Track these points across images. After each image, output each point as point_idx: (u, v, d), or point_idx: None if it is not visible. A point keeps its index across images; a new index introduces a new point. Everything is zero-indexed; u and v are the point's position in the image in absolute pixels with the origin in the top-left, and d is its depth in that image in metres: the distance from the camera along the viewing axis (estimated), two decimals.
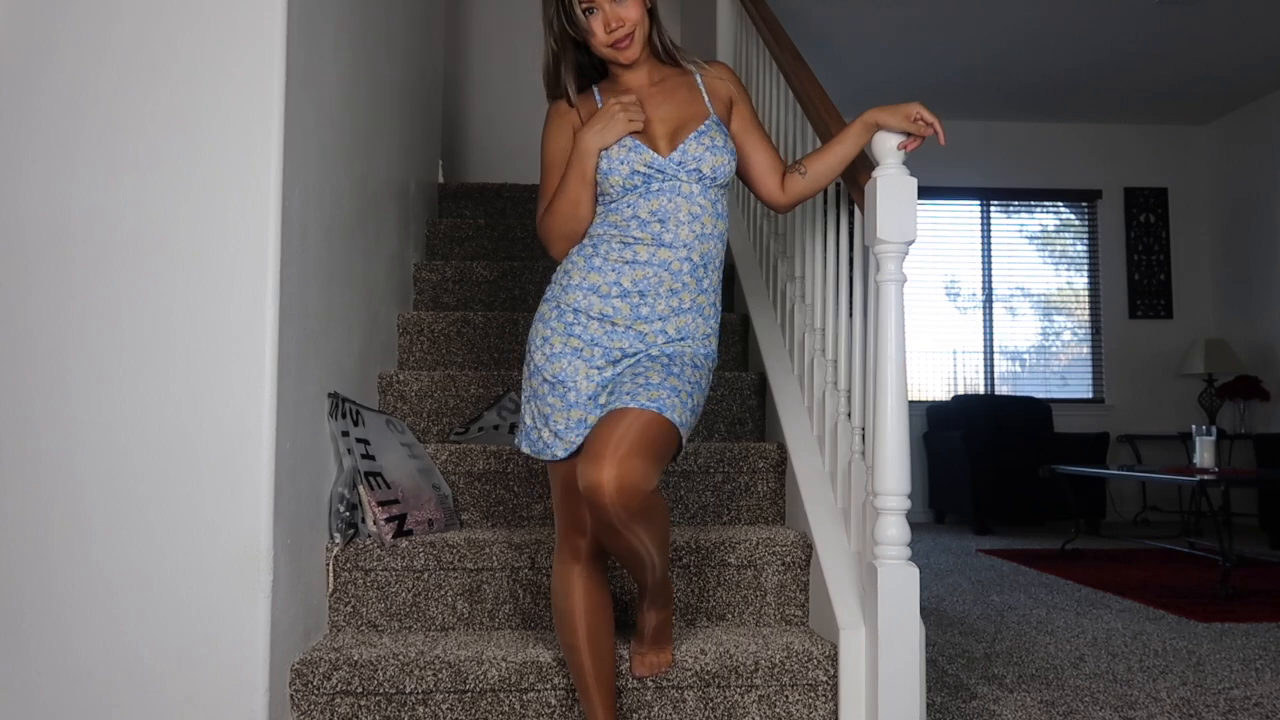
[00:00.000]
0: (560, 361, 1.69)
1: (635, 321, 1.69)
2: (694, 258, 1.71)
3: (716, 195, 1.74)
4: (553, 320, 1.71)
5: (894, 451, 1.81)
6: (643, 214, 1.69)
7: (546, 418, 1.69)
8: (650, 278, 1.69)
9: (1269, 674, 2.66)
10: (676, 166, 1.70)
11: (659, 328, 1.70)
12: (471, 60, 5.22)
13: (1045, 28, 5.53)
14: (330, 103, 2.11)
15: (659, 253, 1.69)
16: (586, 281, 1.70)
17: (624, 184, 1.69)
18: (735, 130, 1.84)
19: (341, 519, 2.11)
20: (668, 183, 1.70)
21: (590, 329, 1.69)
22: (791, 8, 5.21)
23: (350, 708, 1.87)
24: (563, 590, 1.74)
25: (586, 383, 1.68)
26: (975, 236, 7.10)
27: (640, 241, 1.69)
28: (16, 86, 1.79)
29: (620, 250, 1.70)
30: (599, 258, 1.70)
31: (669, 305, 1.70)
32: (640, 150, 1.69)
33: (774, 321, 2.92)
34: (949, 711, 2.30)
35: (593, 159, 1.69)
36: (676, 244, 1.69)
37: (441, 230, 3.57)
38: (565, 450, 1.68)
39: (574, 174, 1.71)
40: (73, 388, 1.75)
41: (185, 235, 1.77)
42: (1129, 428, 6.85)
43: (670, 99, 1.77)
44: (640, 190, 1.70)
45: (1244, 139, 6.74)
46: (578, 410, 1.68)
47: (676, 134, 1.73)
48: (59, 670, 1.73)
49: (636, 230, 1.69)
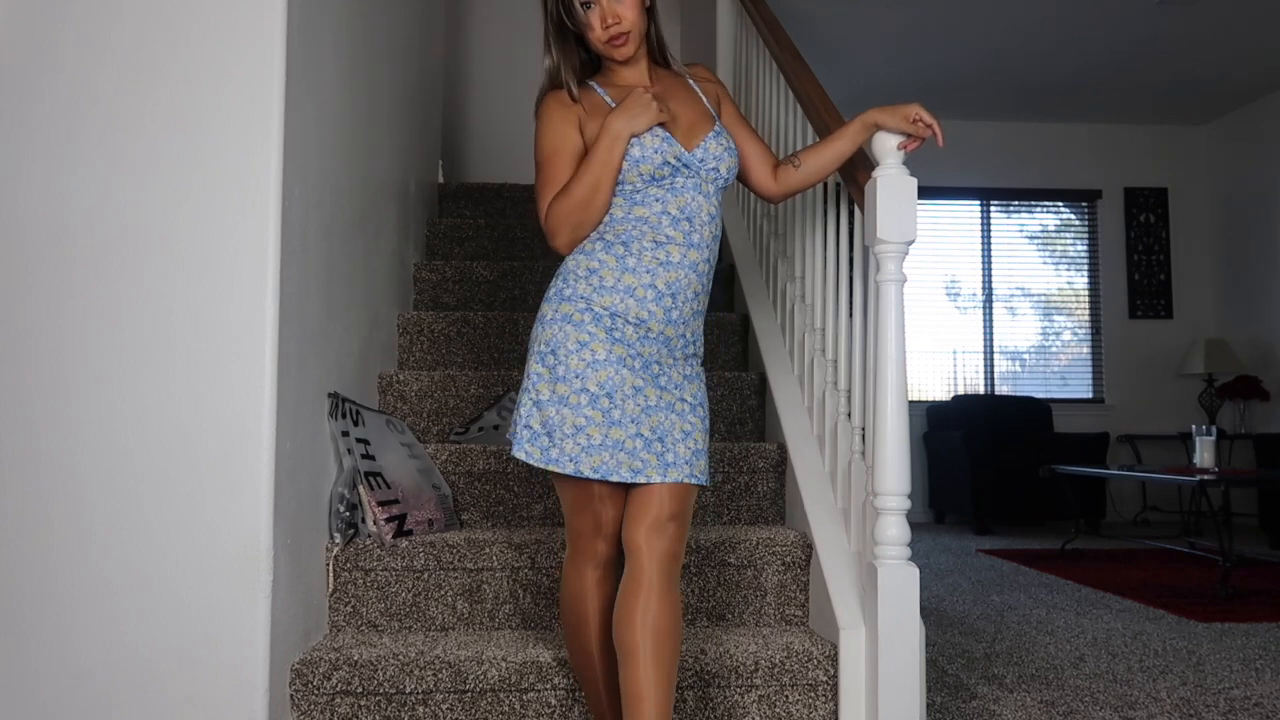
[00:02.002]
0: (606, 370, 1.60)
1: (666, 327, 1.66)
2: (710, 259, 1.72)
3: (721, 199, 1.76)
4: (589, 324, 1.61)
5: (894, 451, 1.81)
6: (673, 210, 1.66)
7: (578, 429, 1.58)
8: (681, 280, 1.66)
9: (1269, 674, 2.65)
10: (699, 164, 1.69)
11: (682, 331, 1.69)
12: (471, 60, 5.22)
13: (1045, 28, 5.53)
14: (330, 103, 2.11)
15: (689, 254, 1.67)
16: (622, 283, 1.63)
17: (653, 173, 1.65)
18: (725, 125, 1.83)
19: (341, 519, 2.11)
20: (691, 179, 1.68)
21: (628, 335, 1.63)
22: (791, 8, 5.21)
23: (350, 708, 1.87)
24: (577, 594, 1.70)
25: (633, 403, 1.61)
26: (975, 236, 7.10)
27: (673, 241, 1.66)
28: (16, 86, 1.79)
29: (654, 250, 1.65)
30: (632, 258, 1.64)
31: (692, 308, 1.70)
32: (671, 142, 1.66)
33: (774, 321, 2.91)
34: (949, 711, 2.30)
35: (623, 144, 1.64)
36: (701, 245, 1.68)
37: (441, 230, 3.57)
38: (594, 469, 1.58)
39: (600, 157, 1.63)
40: (73, 388, 1.75)
41: (185, 235, 1.77)
42: (1129, 428, 6.85)
43: (676, 98, 1.75)
44: (666, 185, 1.67)
45: (1244, 139, 6.74)
46: (619, 430, 1.59)
47: (690, 133, 1.71)
48: (59, 670, 1.73)
49: (670, 229, 1.66)
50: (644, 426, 1.61)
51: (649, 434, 1.61)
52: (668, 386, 1.66)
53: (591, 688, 1.74)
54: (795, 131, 2.73)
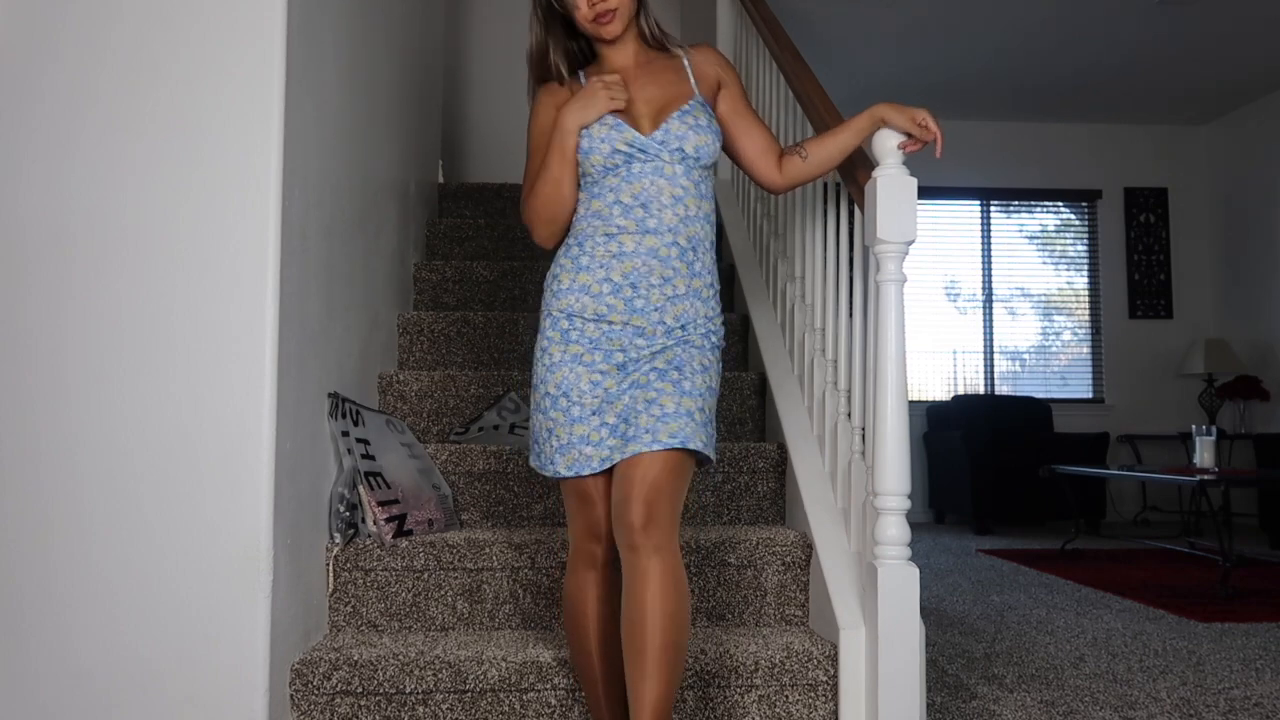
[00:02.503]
0: (561, 371, 1.64)
1: (632, 316, 1.64)
2: (680, 241, 1.66)
3: (700, 177, 1.70)
4: (549, 330, 1.67)
5: (894, 451, 1.81)
6: (625, 199, 1.65)
7: (550, 431, 1.65)
8: (640, 268, 1.64)
9: (1269, 674, 2.65)
10: (659, 146, 1.65)
11: (656, 319, 1.64)
12: (471, 60, 5.22)
13: (1045, 28, 5.54)
14: (330, 103, 2.11)
15: (645, 240, 1.64)
16: (577, 283, 1.66)
17: (605, 164, 1.65)
18: (725, 112, 1.81)
19: (341, 519, 2.11)
20: (649, 163, 1.65)
21: (588, 332, 1.65)
22: (791, 8, 5.21)
23: (350, 708, 1.87)
24: (575, 595, 1.71)
25: (591, 396, 1.62)
26: (975, 236, 7.10)
27: (625, 231, 1.65)
28: (16, 86, 1.79)
29: (605, 244, 1.65)
30: (585, 256, 1.66)
31: (663, 294, 1.65)
32: (621, 129, 1.65)
33: (774, 321, 2.92)
34: (949, 711, 2.30)
35: (573, 137, 1.66)
36: (661, 229, 1.65)
37: (441, 230, 3.57)
38: (568, 468, 1.63)
39: (555, 152, 1.67)
40: (73, 388, 1.75)
41: (185, 235, 1.77)
42: (1129, 428, 6.85)
43: (656, 80, 1.73)
44: (621, 172, 1.65)
45: (1244, 139, 6.74)
46: (581, 425, 1.62)
47: (660, 114, 1.69)
48: (59, 670, 1.73)
49: (620, 218, 1.65)
50: (608, 415, 1.62)
51: (614, 420, 1.61)
52: (637, 366, 1.63)
53: (591, 689, 1.74)
54: (795, 131, 2.73)
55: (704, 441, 1.59)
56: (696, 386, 1.62)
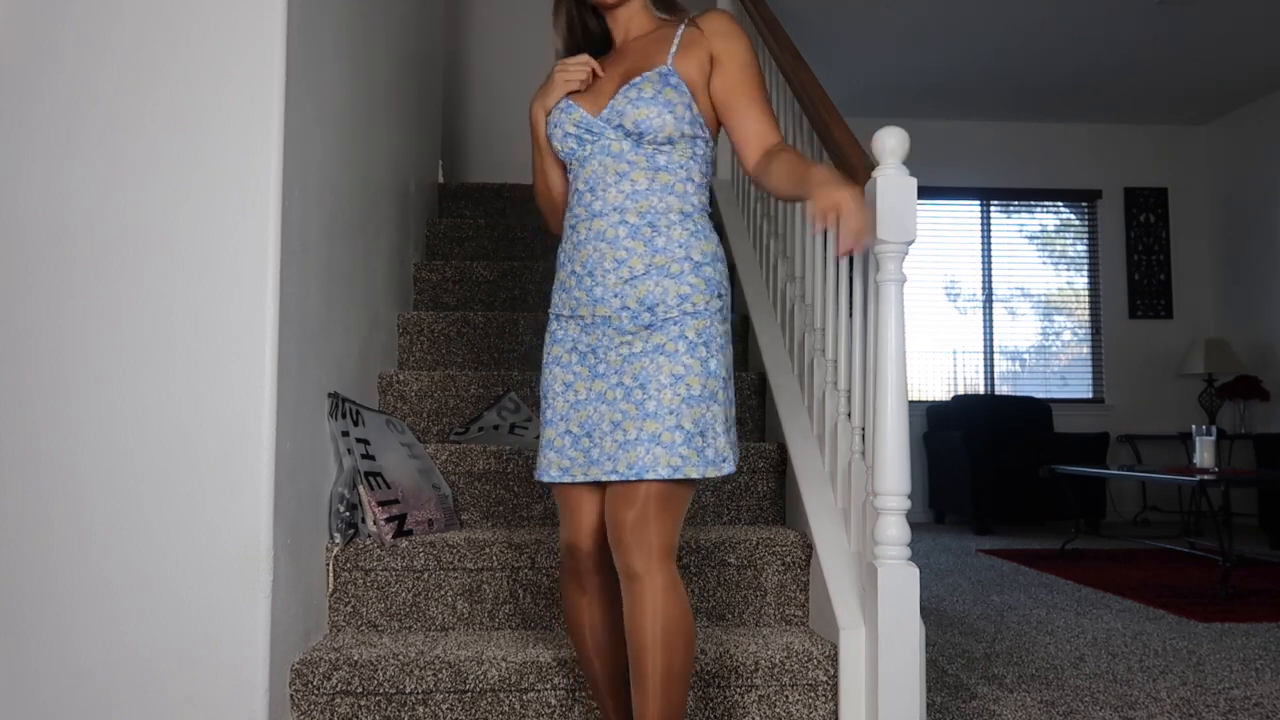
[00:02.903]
0: (545, 372, 1.64)
1: (596, 307, 1.57)
2: (630, 219, 1.55)
3: (654, 150, 1.56)
4: (548, 331, 1.68)
5: (894, 451, 1.81)
6: (579, 186, 1.61)
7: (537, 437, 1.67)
8: (593, 255, 1.57)
9: (1269, 674, 2.66)
10: (603, 124, 1.57)
11: (618, 305, 1.55)
12: (472, 60, 5.22)
13: (1045, 28, 5.54)
14: (330, 103, 2.11)
15: (593, 224, 1.58)
16: (558, 281, 1.66)
17: (562, 147, 1.61)
18: (717, 88, 1.62)
19: (341, 519, 2.11)
20: (597, 143, 1.58)
21: (570, 330, 1.62)
22: (791, 8, 5.21)
23: (350, 708, 1.87)
24: (566, 600, 1.71)
25: (562, 399, 1.60)
26: (975, 236, 7.10)
27: (578, 219, 1.60)
28: (16, 86, 1.79)
29: (570, 235, 1.62)
30: (563, 252, 1.65)
31: (618, 277, 1.55)
32: (571, 110, 1.60)
33: (774, 321, 2.92)
34: (949, 711, 2.30)
35: (540, 126, 1.65)
36: (606, 210, 1.57)
37: (441, 230, 3.57)
38: (538, 471, 1.62)
39: (532, 143, 1.70)
40: (73, 388, 1.75)
41: (185, 235, 1.77)
42: (1129, 428, 6.85)
43: (642, 53, 1.63)
44: (578, 155, 1.60)
45: (1244, 139, 6.74)
46: (550, 429, 1.61)
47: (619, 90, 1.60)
48: (59, 670, 1.73)
49: (576, 207, 1.62)
50: (572, 423, 1.58)
51: (577, 430, 1.58)
52: (605, 374, 1.57)
53: (593, 684, 1.75)
54: (795, 132, 2.73)
55: (672, 466, 1.47)
56: (665, 403, 1.50)
